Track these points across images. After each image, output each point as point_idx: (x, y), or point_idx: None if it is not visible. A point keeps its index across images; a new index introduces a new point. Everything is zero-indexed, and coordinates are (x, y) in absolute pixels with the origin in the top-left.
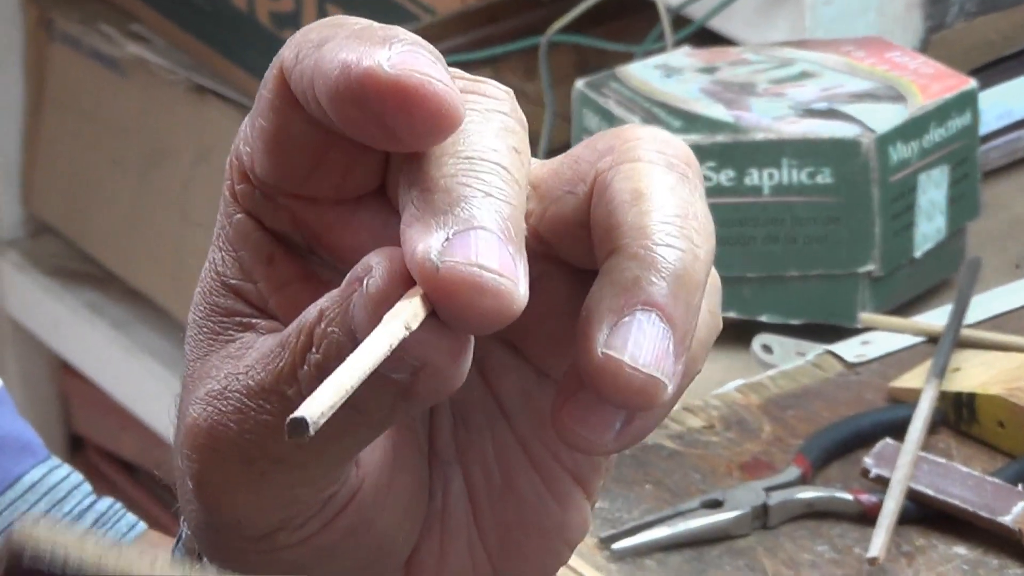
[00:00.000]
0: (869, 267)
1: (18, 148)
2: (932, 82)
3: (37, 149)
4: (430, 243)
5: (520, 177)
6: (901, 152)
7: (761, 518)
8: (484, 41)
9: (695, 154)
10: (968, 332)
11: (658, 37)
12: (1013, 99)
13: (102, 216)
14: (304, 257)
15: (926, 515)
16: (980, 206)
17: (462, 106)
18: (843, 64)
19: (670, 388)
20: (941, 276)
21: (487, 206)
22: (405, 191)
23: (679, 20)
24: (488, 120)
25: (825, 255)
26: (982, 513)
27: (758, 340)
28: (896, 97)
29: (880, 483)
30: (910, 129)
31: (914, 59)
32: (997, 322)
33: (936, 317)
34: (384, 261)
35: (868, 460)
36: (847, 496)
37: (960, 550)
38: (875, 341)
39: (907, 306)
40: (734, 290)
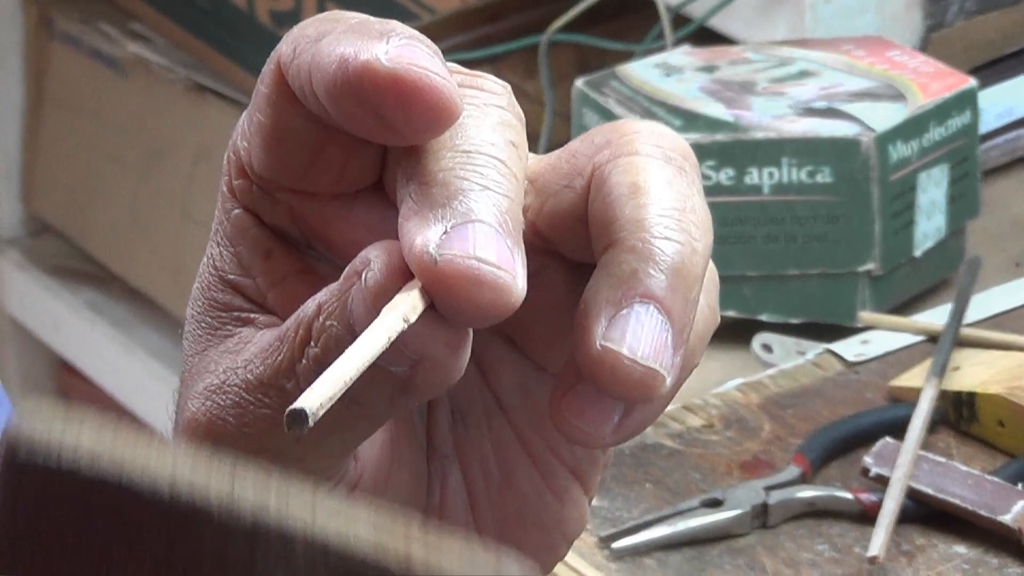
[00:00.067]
0: (869, 266)
1: (18, 147)
2: (932, 81)
3: (37, 148)
4: (428, 236)
5: (518, 171)
6: (901, 151)
7: (761, 517)
8: (484, 40)
9: (695, 153)
10: (968, 331)
11: (658, 36)
12: (1013, 98)
13: (102, 215)
14: (302, 252)
15: (926, 514)
16: (980, 205)
17: (460, 100)
18: (843, 63)
19: (668, 380)
20: (941, 275)
21: (485, 199)
22: (403, 185)
23: (679, 19)
24: (486, 114)
25: (825, 254)
26: (982, 512)
27: (758, 339)
28: (896, 96)
29: (880, 482)
30: (910, 128)
31: (914, 58)
32: (997, 321)
33: (936, 316)
34: (382, 254)
35: (868, 459)
36: (847, 495)
37: (960, 549)
38: (875, 340)
39: (907, 305)
40: (734, 289)
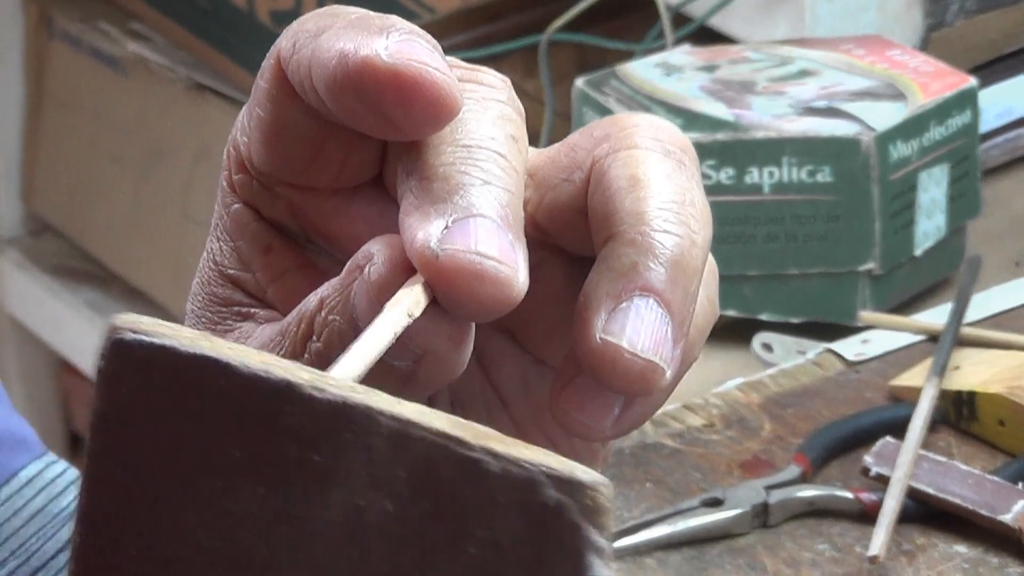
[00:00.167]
0: (869, 265)
1: (18, 146)
2: (932, 80)
3: (37, 147)
4: (429, 231)
5: (518, 165)
6: (901, 150)
7: (761, 516)
8: (484, 39)
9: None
10: (968, 330)
11: (658, 35)
12: (1013, 97)
13: (102, 214)
14: (302, 246)
15: (926, 514)
16: (980, 204)
17: (460, 94)
18: (843, 62)
19: (668, 373)
20: (941, 274)
21: (486, 194)
22: (403, 180)
23: (679, 18)
24: (485, 108)
25: (825, 253)
26: (982, 512)
27: (758, 338)
28: (896, 95)
29: (880, 481)
30: (910, 127)
31: (914, 57)
32: (997, 320)
33: (936, 315)
34: (385, 249)
35: (868, 458)
36: (847, 494)
37: (960, 548)
38: (875, 339)
39: (907, 304)
40: (734, 288)
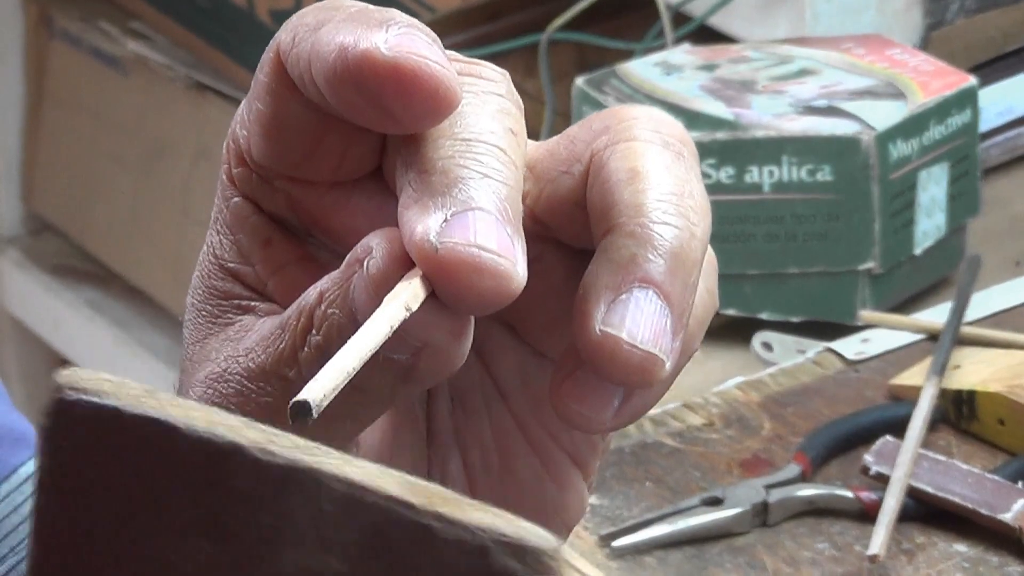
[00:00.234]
0: (869, 264)
1: (18, 145)
2: (932, 79)
3: (37, 147)
4: (428, 224)
5: (517, 158)
6: (901, 149)
7: (761, 515)
8: (484, 38)
9: None
10: (968, 329)
11: (658, 34)
12: (1013, 96)
13: (102, 213)
14: (302, 239)
15: (926, 512)
16: (980, 203)
17: (459, 88)
18: (843, 61)
19: (668, 365)
20: (941, 273)
21: (485, 187)
22: (402, 173)
23: (679, 17)
24: (485, 102)
25: (825, 252)
26: (982, 510)
27: (758, 337)
28: (896, 94)
29: (880, 480)
30: (910, 126)
31: (914, 56)
32: (997, 319)
33: (936, 314)
34: (384, 242)
35: (868, 457)
36: (847, 493)
37: (960, 547)
38: (875, 338)
39: (907, 303)
40: (734, 287)
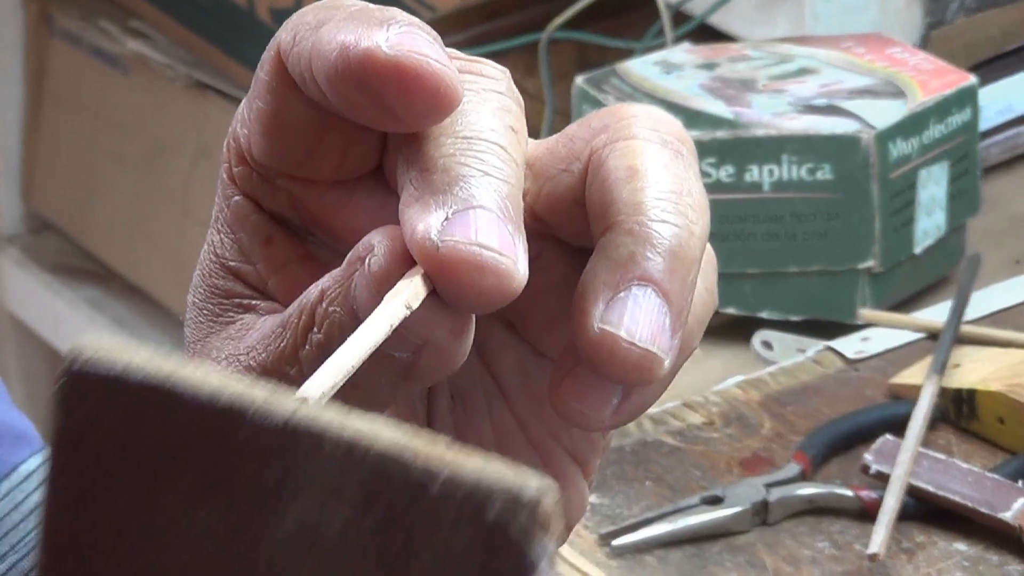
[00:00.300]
0: (869, 263)
1: (18, 144)
2: (932, 78)
3: (37, 146)
4: (430, 222)
5: (517, 156)
6: (901, 148)
7: (761, 514)
8: (484, 37)
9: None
10: (968, 328)
11: (658, 33)
12: (1013, 95)
13: (102, 212)
14: (302, 238)
15: (926, 511)
16: (980, 202)
17: (460, 86)
18: (843, 60)
19: (667, 363)
20: (941, 272)
21: (486, 185)
22: (403, 171)
23: (679, 16)
24: (485, 100)
25: (825, 251)
26: (982, 509)
27: (758, 336)
28: (896, 93)
29: (880, 479)
30: (910, 125)
31: (914, 55)
32: (997, 318)
33: (936, 313)
34: (385, 240)
35: (868, 456)
36: (847, 492)
37: (960, 546)
38: (875, 337)
39: (907, 302)
40: (734, 286)
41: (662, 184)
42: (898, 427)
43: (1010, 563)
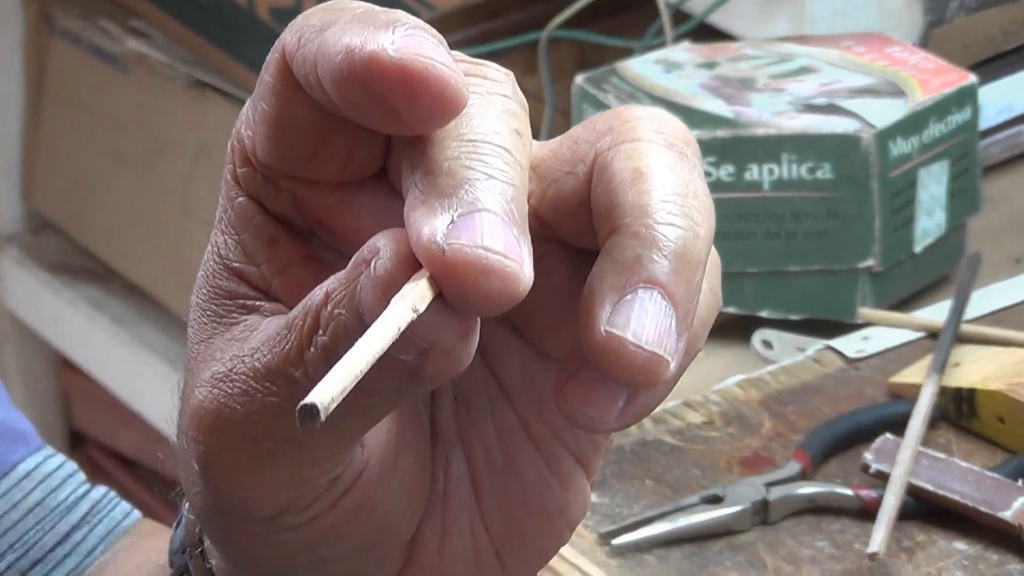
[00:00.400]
0: (869, 262)
1: (18, 143)
2: (932, 77)
3: (37, 145)
4: (435, 226)
5: (522, 159)
6: (901, 147)
7: (761, 513)
8: (484, 36)
9: None
10: (968, 327)
11: (658, 32)
12: (1013, 94)
13: (102, 212)
14: (306, 240)
15: (926, 510)
16: (980, 201)
17: (466, 89)
18: (843, 59)
19: (672, 365)
20: (941, 271)
21: (491, 188)
22: (408, 174)
23: (679, 15)
24: (490, 103)
25: (825, 250)
26: (982, 508)
27: (758, 335)
28: (896, 92)
29: (880, 478)
30: (910, 124)
31: (914, 54)
32: (997, 317)
33: (936, 312)
34: (391, 243)
35: (868, 455)
36: (847, 491)
37: (960, 545)
38: (875, 336)
39: (907, 301)
40: (734, 286)
41: (667, 186)
42: (898, 426)
43: (1010, 562)
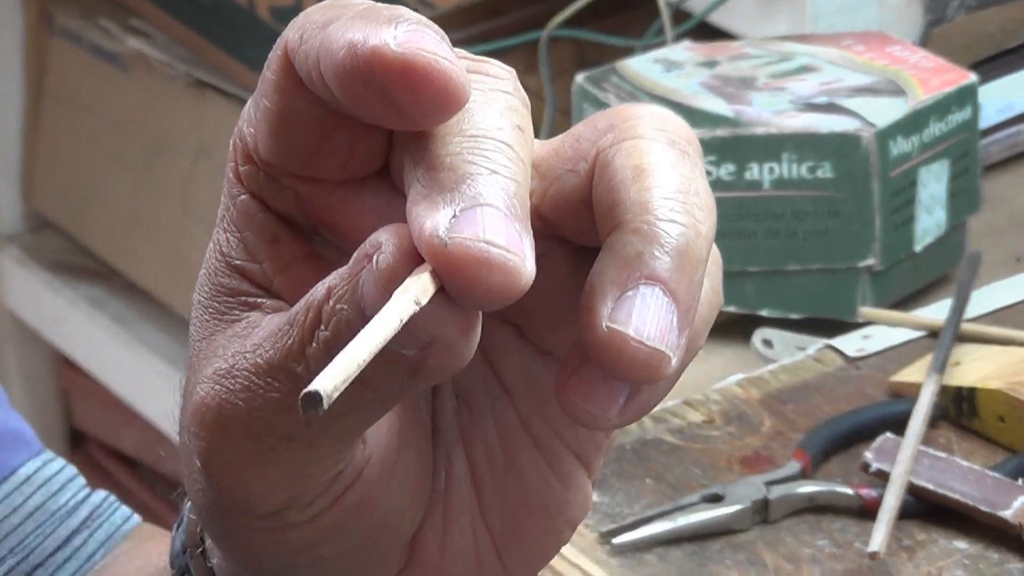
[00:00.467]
0: (869, 261)
1: (18, 143)
2: (932, 76)
3: (37, 144)
4: (437, 220)
5: (524, 155)
6: (901, 146)
7: (761, 512)
8: (484, 36)
9: None
10: (968, 326)
11: (658, 31)
12: (1013, 93)
13: (102, 211)
14: (308, 237)
15: (926, 509)
16: (980, 200)
17: (468, 85)
18: (843, 58)
19: (674, 361)
20: (941, 270)
21: (493, 183)
22: (411, 170)
23: (679, 14)
24: (492, 99)
25: (825, 249)
26: (982, 507)
27: (758, 334)
28: (896, 91)
29: (880, 477)
30: (910, 123)
31: (914, 53)
32: (997, 316)
33: (936, 311)
34: (393, 238)
35: (868, 454)
36: (847, 490)
37: (960, 544)
38: (875, 335)
39: (907, 300)
40: (735, 284)
41: (669, 184)
42: (898, 425)
43: (1010, 561)
